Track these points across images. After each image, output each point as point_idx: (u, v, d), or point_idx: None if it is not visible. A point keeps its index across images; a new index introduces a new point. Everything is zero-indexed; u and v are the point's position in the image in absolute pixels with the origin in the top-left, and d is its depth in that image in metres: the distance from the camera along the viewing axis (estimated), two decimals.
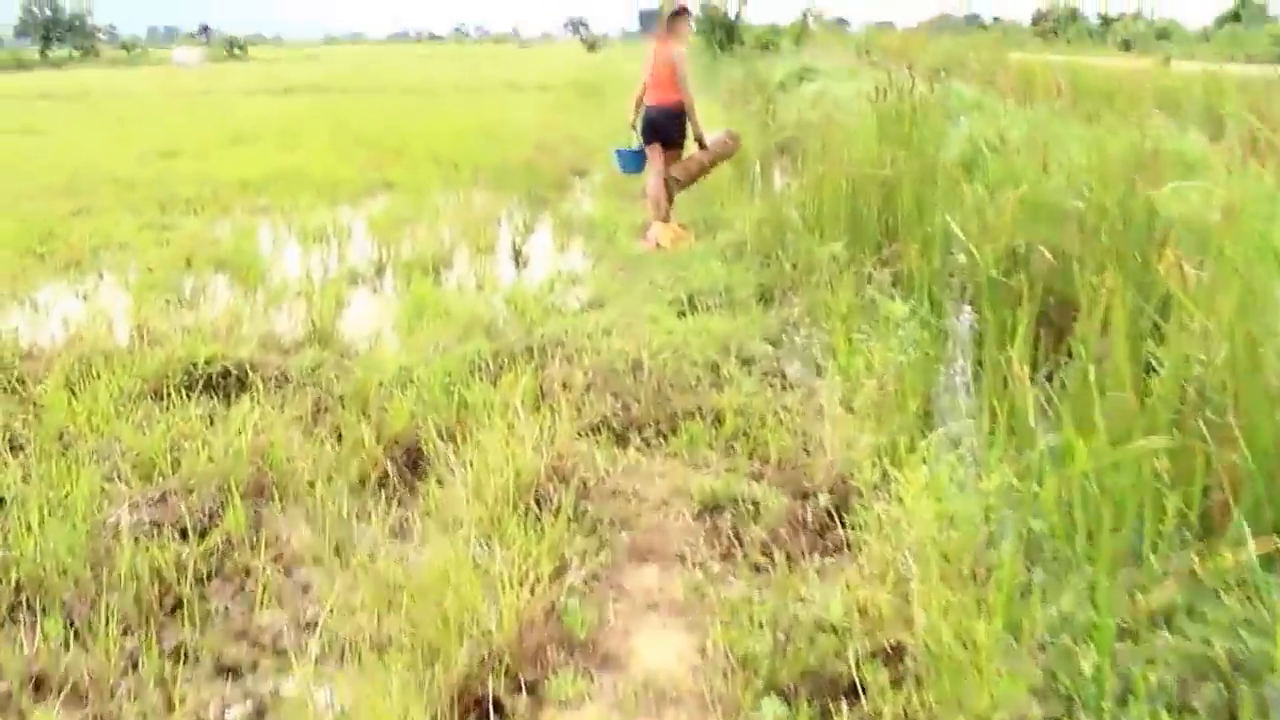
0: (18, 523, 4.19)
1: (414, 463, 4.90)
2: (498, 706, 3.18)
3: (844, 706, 3.01)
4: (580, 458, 4.63)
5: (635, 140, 10.31)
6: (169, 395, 5.62)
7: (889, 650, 3.18)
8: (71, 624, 3.65)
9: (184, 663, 3.50)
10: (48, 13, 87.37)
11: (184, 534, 4.24)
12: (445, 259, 9.16)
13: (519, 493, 4.20)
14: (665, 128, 9.88)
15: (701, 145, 10.04)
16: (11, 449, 5.09)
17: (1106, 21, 70.26)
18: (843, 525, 4.11)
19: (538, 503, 4.20)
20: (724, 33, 41.35)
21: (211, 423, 5.31)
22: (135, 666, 3.47)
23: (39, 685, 3.38)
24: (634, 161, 10.74)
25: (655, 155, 9.93)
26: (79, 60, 77.10)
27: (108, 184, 13.60)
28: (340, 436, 5.10)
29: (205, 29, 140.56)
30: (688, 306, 7.14)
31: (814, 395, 5.46)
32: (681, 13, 10.19)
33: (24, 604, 3.83)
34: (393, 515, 4.41)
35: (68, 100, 32.31)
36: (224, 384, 5.86)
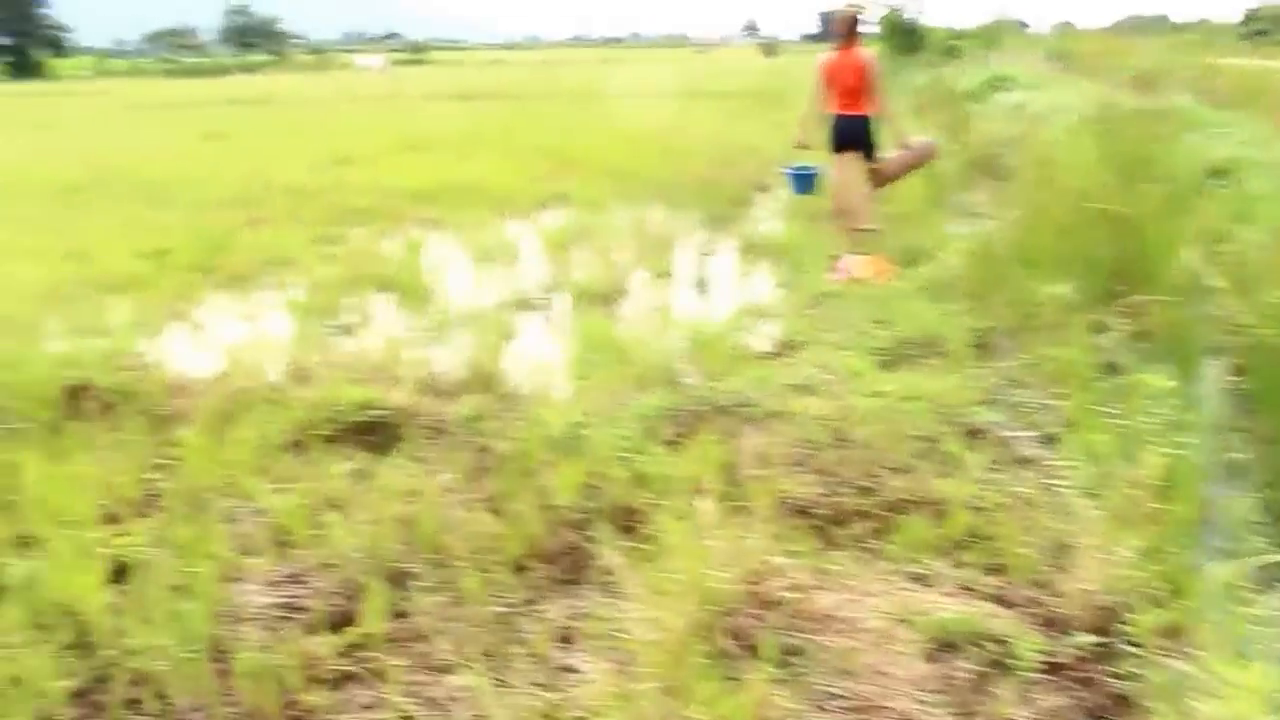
0: (138, 602, 3.74)
1: (581, 550, 4.27)
2: None
3: None
4: (780, 568, 3.90)
5: (807, 159, 9.65)
6: (317, 445, 5.16)
7: None
8: None
9: None
10: (244, 20, 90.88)
11: (319, 618, 3.77)
12: (620, 285, 8.56)
13: (705, 624, 3.51)
14: (857, 137, 9.20)
15: (905, 147, 9.38)
16: (147, 502, 4.69)
17: None
18: (1115, 675, 3.32)
19: (729, 634, 3.52)
20: (905, 38, 39.86)
21: (360, 477, 4.83)
22: None
23: None
24: (806, 182, 10.08)
25: (845, 166, 9.24)
26: (272, 66, 79.71)
27: (281, 193, 13.55)
28: (498, 507, 4.52)
29: (391, 34, 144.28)
30: (893, 357, 6.38)
31: (1051, 480, 4.64)
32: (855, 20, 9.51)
33: (139, 705, 3.38)
34: (555, 614, 3.80)
35: (252, 106, 33.13)
36: (375, 433, 5.36)
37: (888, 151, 9.36)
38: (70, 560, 3.98)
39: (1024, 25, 59.64)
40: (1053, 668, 3.37)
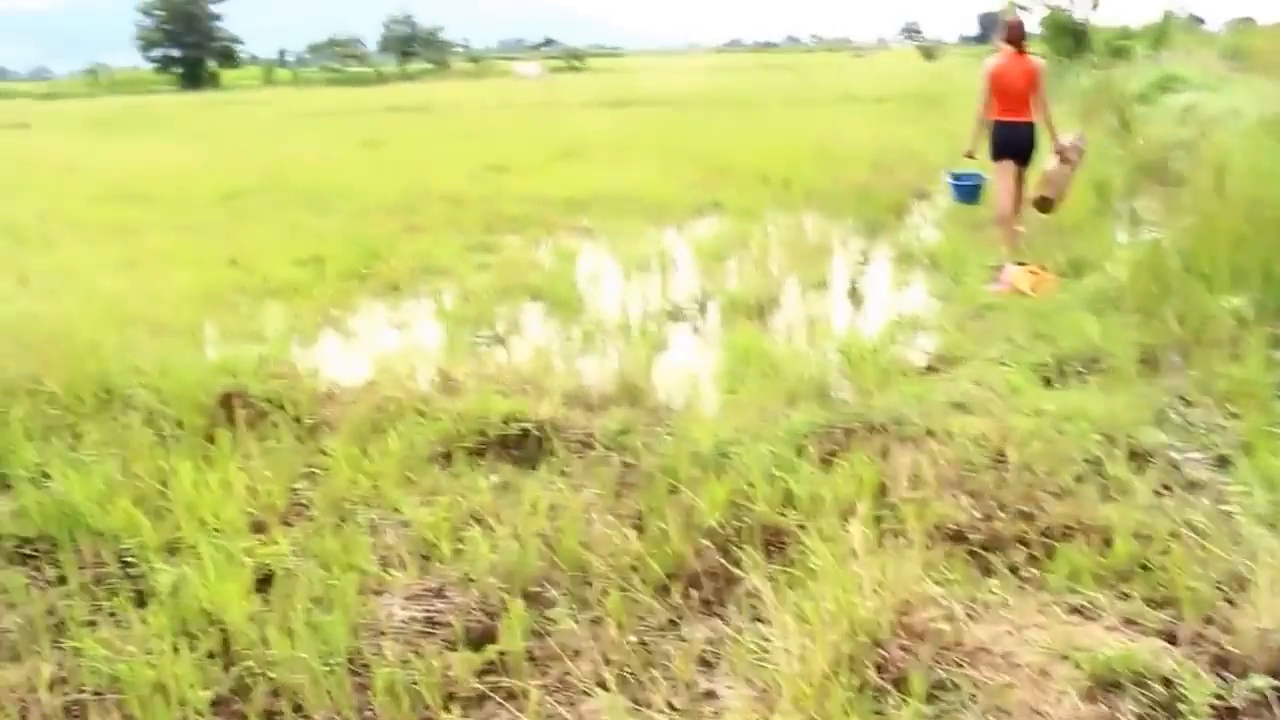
0: (280, 613, 3.75)
1: (726, 571, 4.14)
2: None
3: None
4: (933, 598, 3.71)
5: (972, 166, 9.38)
6: (463, 457, 5.14)
7: None
8: None
9: None
10: (406, 29, 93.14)
11: (459, 634, 3.74)
12: (772, 296, 8.40)
13: (853, 655, 3.34)
14: (1022, 145, 8.97)
15: (1062, 156, 9.05)
16: (294, 511, 4.73)
17: None
18: None
19: (878, 666, 3.35)
20: (1069, 38, 38.54)
21: (505, 491, 4.79)
22: None
23: None
24: (971, 192, 9.77)
25: (1005, 173, 8.97)
26: (431, 74, 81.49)
27: (437, 200, 13.72)
28: (643, 525, 4.42)
29: (549, 41, 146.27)
30: (1055, 373, 6.09)
31: (1224, 507, 4.34)
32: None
33: (277, 717, 3.40)
34: (697, 637, 3.68)
35: (412, 113, 33.84)
36: (521, 446, 5.32)
37: (1044, 157, 9.10)
38: (217, 568, 4.02)
39: (1199, 21, 56.70)
40: (1225, 713, 3.12)
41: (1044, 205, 9.11)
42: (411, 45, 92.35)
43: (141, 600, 4.04)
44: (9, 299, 8.18)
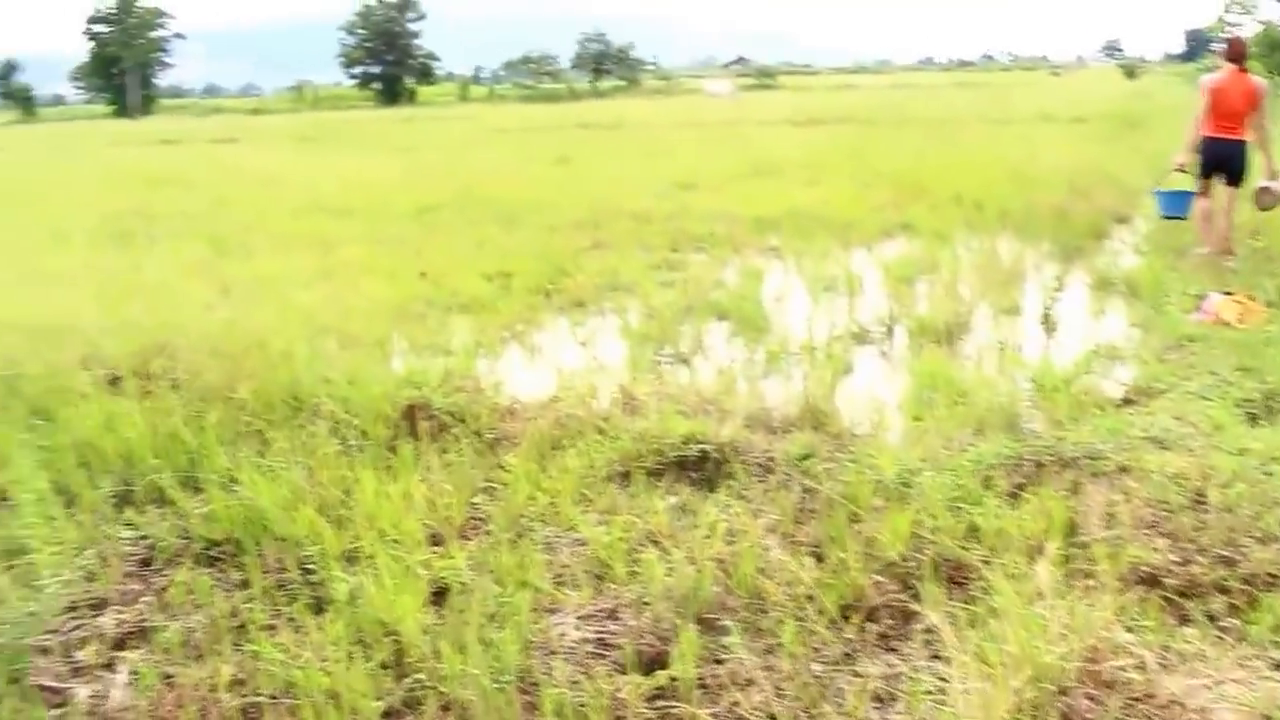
0: (454, 627, 3.78)
1: (904, 606, 4.00)
2: None
3: None
4: (1123, 645, 3.49)
5: (1182, 181, 9.03)
6: (641, 477, 5.11)
7: None
8: None
9: None
10: (599, 47, 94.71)
11: (630, 657, 3.69)
12: (962, 321, 8.17)
13: (1036, 703, 3.17)
14: (1233, 162, 8.66)
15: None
16: (471, 525, 4.78)
17: None
18: None
19: (1062, 716, 3.17)
20: None
21: (682, 513, 4.75)
22: None
23: None
24: (1178, 204, 9.40)
25: (1213, 191, 8.65)
26: (623, 91, 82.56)
27: (624, 217, 13.82)
28: (821, 554, 4.31)
29: (740, 59, 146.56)
30: (1262, 410, 5.74)
31: None
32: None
33: None
34: (872, 673, 3.56)
35: (602, 130, 34.30)
36: (700, 467, 5.26)
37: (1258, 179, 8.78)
38: (394, 579, 4.08)
39: None
40: None
41: (1265, 200, 8.75)
42: (604, 63, 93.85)
43: (319, 607, 4.13)
44: (210, 308, 8.54)
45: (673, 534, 4.53)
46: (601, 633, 3.88)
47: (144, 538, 4.81)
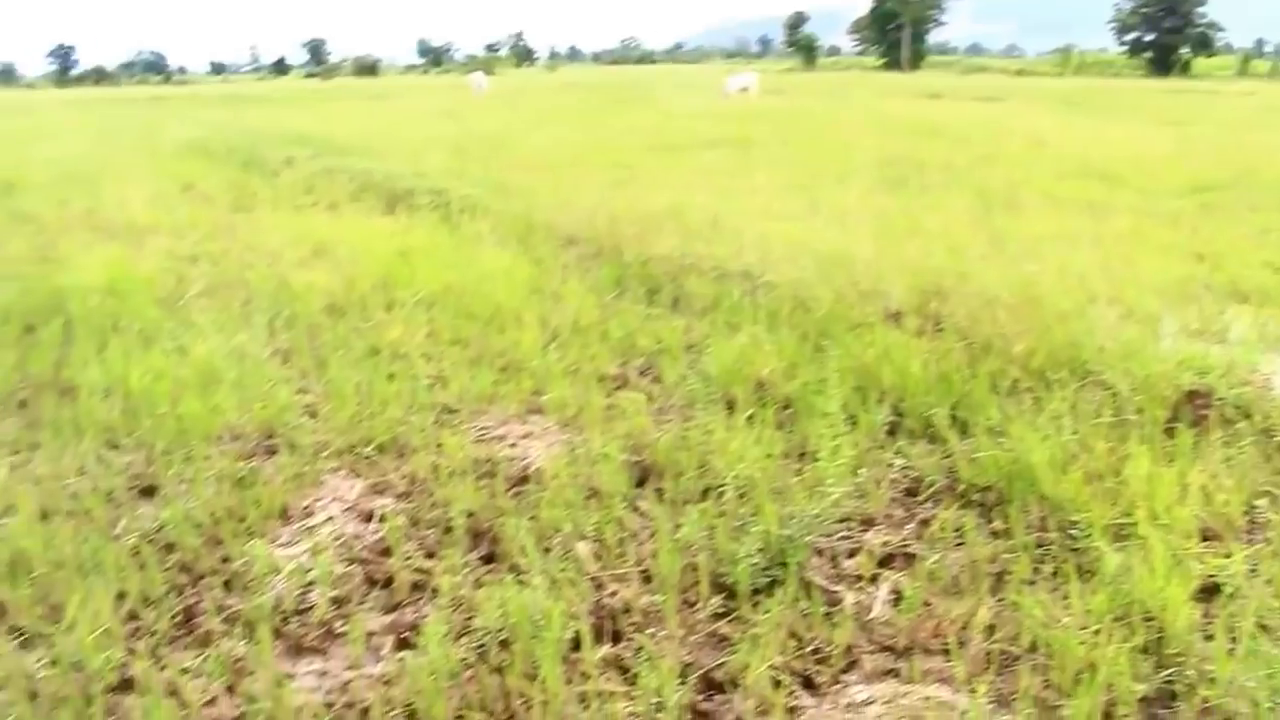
0: (1222, 630, 3.57)
1: None
2: None
3: None
4: None
5: None
6: None
7: None
8: None
9: None
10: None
11: None
12: None
13: None
14: None
15: None
16: (1250, 528, 4.46)
17: None
18: None
19: None
20: None
21: None
22: None
23: None
24: None
25: None
26: None
27: None
28: None
29: None
30: None
31: None
32: None
33: None
34: None
35: None
36: None
37: None
38: (1161, 566, 3.92)
39: None
40: None
41: None
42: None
43: (1081, 575, 4.07)
44: (984, 258, 8.62)
45: None
46: None
47: (910, 468, 5.04)
